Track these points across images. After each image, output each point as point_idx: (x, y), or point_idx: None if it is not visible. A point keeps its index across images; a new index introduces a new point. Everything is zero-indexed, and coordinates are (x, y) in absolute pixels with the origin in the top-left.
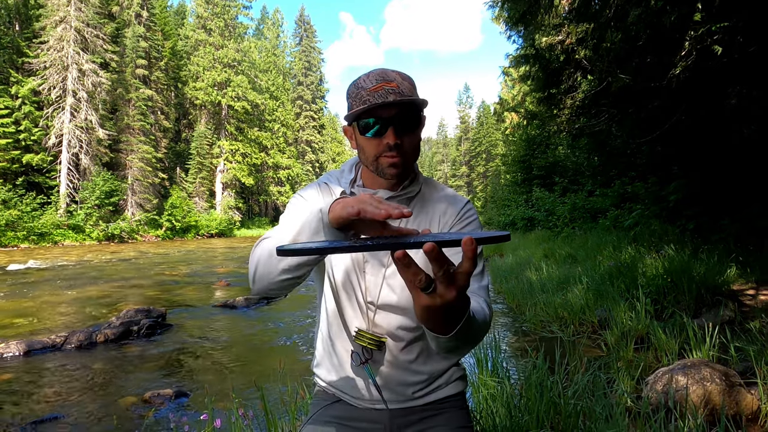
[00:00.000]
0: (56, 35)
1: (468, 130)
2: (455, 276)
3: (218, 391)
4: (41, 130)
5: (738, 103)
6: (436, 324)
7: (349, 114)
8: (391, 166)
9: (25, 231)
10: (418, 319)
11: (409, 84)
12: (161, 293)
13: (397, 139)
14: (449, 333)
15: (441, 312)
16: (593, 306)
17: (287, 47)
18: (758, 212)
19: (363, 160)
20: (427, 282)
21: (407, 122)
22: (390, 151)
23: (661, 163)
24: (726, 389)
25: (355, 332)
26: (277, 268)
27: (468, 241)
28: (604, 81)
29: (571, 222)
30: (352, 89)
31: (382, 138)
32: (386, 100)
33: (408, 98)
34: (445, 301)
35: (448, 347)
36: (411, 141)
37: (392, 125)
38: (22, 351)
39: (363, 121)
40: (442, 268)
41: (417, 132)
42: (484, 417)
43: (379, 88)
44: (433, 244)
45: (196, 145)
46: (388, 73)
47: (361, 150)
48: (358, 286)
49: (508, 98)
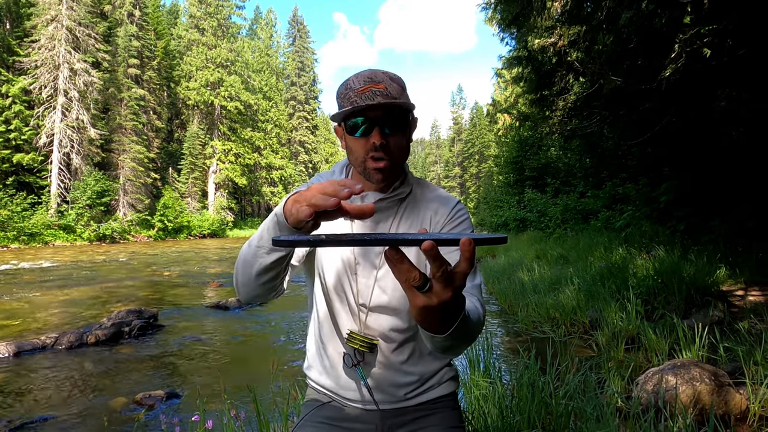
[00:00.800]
0: (47, 34)
1: (461, 131)
2: (453, 276)
3: (210, 392)
4: (32, 129)
5: (727, 105)
6: (432, 323)
7: (337, 114)
8: (377, 171)
9: (15, 231)
10: (414, 319)
11: (397, 85)
12: (153, 294)
13: (383, 139)
14: (445, 332)
15: (437, 312)
16: (584, 307)
17: (280, 47)
18: (747, 213)
19: (352, 161)
20: (423, 281)
21: (393, 123)
22: (376, 151)
23: (652, 164)
24: (715, 389)
25: (347, 335)
26: (252, 273)
27: (466, 241)
28: (595, 83)
29: (563, 223)
30: (342, 90)
31: (368, 138)
32: (372, 101)
33: (394, 101)
34: (442, 301)
35: (444, 346)
36: (397, 142)
37: (378, 125)
38: (12, 352)
39: (350, 122)
40: (441, 267)
41: (404, 134)
42: (475, 417)
43: (367, 90)
44: (432, 242)
45: (189, 145)
46: (377, 75)
47: (349, 151)
48: (349, 289)
49: (500, 100)
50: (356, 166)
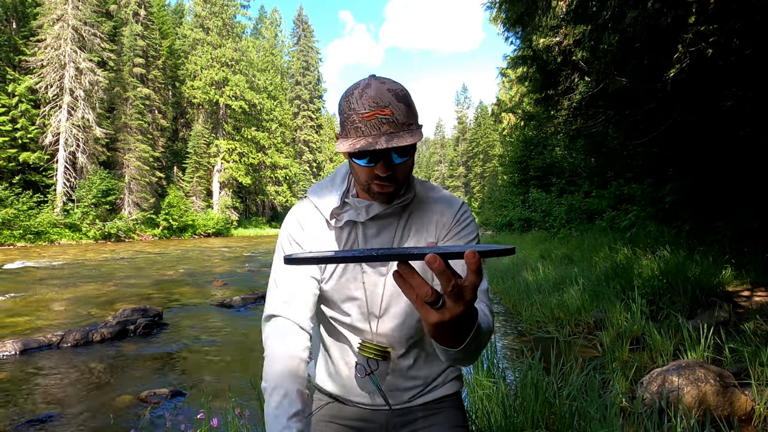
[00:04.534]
0: (53, 33)
1: (465, 130)
2: (462, 290)
3: (215, 390)
4: (38, 128)
5: (733, 105)
6: (447, 338)
7: (341, 134)
8: (382, 195)
9: (21, 230)
10: (428, 334)
11: (404, 106)
12: (158, 292)
13: (389, 170)
14: (459, 346)
15: (451, 326)
16: (589, 307)
17: (285, 47)
18: (752, 214)
19: (355, 178)
20: (436, 296)
21: (400, 152)
22: (381, 180)
23: (658, 164)
24: (720, 390)
25: (359, 344)
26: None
27: (470, 254)
28: (601, 82)
29: (567, 223)
30: (344, 107)
31: (373, 168)
32: (378, 131)
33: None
34: (455, 315)
35: (458, 358)
36: (402, 169)
37: (384, 159)
38: (18, 350)
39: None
40: (450, 281)
41: (409, 160)
42: (479, 417)
43: (372, 117)
44: (435, 255)
45: (194, 144)
46: (383, 96)
47: (352, 170)
48: (358, 297)
49: (505, 99)
50: (360, 185)
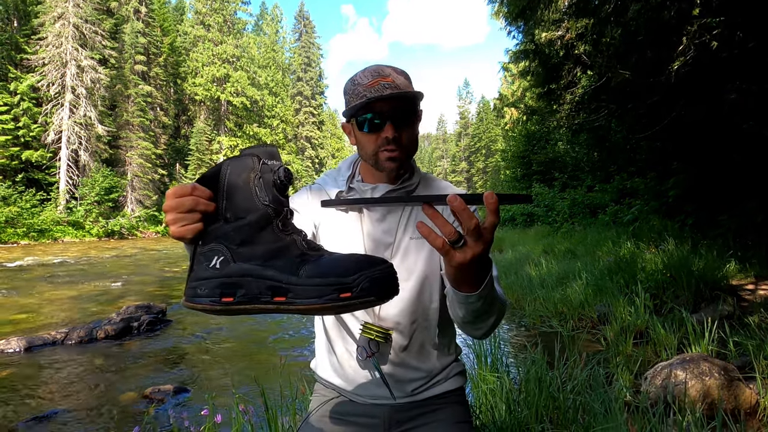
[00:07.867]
0: (55, 31)
1: (468, 125)
2: (483, 231)
3: (218, 386)
4: (40, 126)
5: (737, 98)
6: (467, 279)
7: (347, 110)
8: (390, 160)
9: (24, 227)
10: (449, 279)
11: (404, 78)
12: (161, 289)
13: (395, 132)
14: (478, 289)
15: (472, 267)
16: (592, 301)
17: (286, 43)
18: (756, 207)
19: (362, 155)
20: (458, 235)
21: (404, 116)
22: (388, 144)
23: (661, 158)
24: (725, 383)
25: (362, 325)
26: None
27: (489, 195)
28: (603, 76)
29: (570, 217)
30: (349, 86)
31: (380, 132)
32: (383, 94)
33: (404, 92)
34: (475, 254)
35: (476, 310)
36: (409, 134)
37: (390, 120)
38: (23, 347)
39: (361, 117)
40: (472, 219)
41: (414, 125)
42: (483, 412)
43: (375, 84)
44: (455, 195)
45: (196, 141)
46: (384, 69)
47: (360, 146)
48: None
49: (507, 94)
50: (367, 160)
